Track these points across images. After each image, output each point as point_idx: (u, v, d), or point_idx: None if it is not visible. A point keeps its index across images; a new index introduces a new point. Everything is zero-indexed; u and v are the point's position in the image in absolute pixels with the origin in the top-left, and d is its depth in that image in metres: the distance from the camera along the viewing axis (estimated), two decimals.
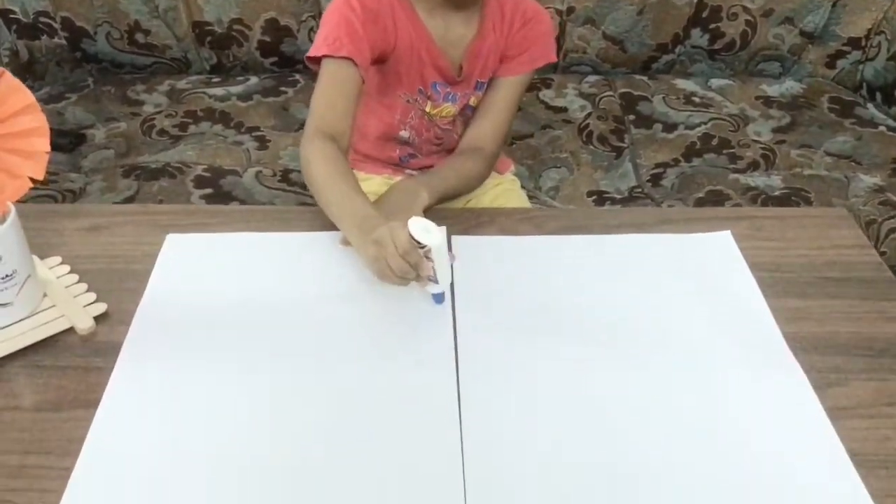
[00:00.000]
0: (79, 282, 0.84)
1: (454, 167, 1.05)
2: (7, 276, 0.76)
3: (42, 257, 0.85)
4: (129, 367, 0.75)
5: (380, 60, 1.01)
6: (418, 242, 0.73)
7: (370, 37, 0.97)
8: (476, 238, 0.92)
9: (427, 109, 1.08)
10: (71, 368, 0.75)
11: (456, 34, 1.04)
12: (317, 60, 0.97)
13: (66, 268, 0.85)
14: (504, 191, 1.18)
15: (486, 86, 1.09)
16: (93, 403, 0.71)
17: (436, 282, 0.77)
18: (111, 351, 0.76)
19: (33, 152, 0.76)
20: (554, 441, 0.68)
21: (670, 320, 0.81)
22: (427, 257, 0.75)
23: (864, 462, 0.66)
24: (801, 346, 0.78)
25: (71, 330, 0.79)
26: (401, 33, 1.01)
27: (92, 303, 0.81)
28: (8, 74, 0.74)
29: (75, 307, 0.80)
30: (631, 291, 0.85)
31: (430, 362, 0.75)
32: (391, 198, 0.93)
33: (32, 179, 0.78)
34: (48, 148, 0.77)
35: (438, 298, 0.80)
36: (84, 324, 0.78)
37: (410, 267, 0.75)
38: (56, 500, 0.62)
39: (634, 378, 0.74)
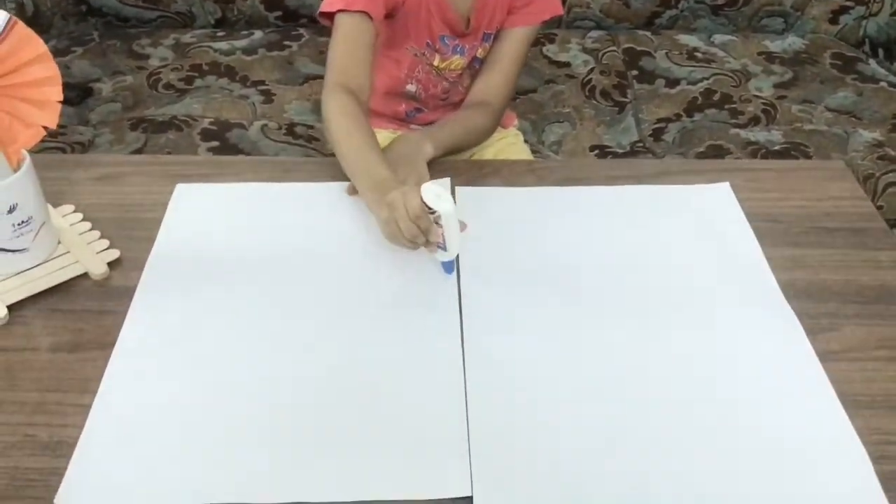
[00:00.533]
0: (91, 229, 0.86)
1: (460, 121, 1.06)
2: (23, 222, 0.78)
3: (55, 206, 0.86)
4: (143, 310, 0.77)
5: (390, 14, 1.02)
6: (429, 208, 0.74)
7: None
8: (480, 189, 0.94)
9: (435, 63, 1.09)
10: (86, 312, 0.78)
11: None
12: (329, 16, 0.97)
13: (79, 216, 0.87)
14: (508, 144, 1.20)
15: (493, 38, 1.10)
16: (108, 345, 0.73)
17: (444, 249, 0.77)
18: (124, 295, 0.79)
19: (46, 101, 0.77)
20: (556, 381, 0.71)
21: (669, 268, 0.84)
22: (437, 224, 0.75)
23: (852, 402, 0.69)
24: (795, 292, 0.80)
25: (85, 275, 0.81)
26: None
27: (105, 249, 0.83)
28: (20, 24, 0.76)
29: (89, 253, 0.83)
30: (631, 241, 0.87)
31: (434, 306, 0.78)
32: (396, 149, 0.95)
33: (45, 128, 0.79)
34: (60, 97, 0.79)
35: (448, 267, 0.80)
36: (98, 269, 0.81)
37: (420, 231, 0.76)
38: (76, 434, 0.65)
39: (634, 322, 0.77)
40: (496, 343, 0.74)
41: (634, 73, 1.63)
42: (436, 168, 0.94)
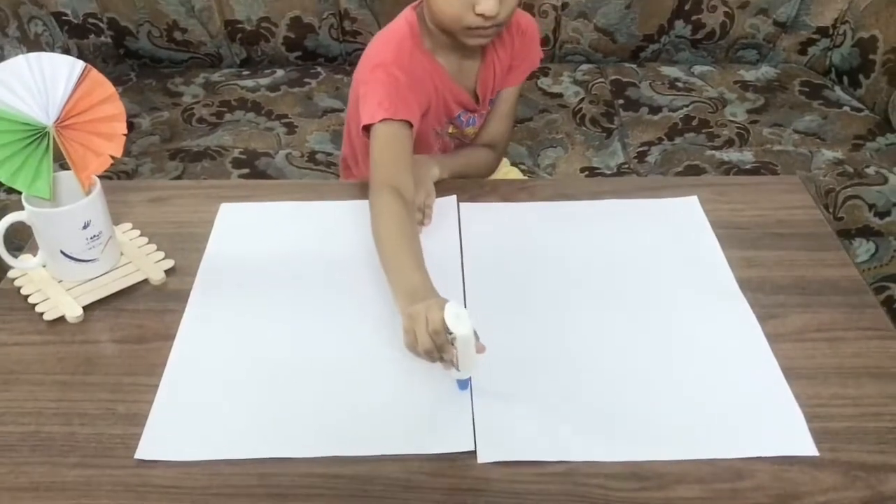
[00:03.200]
0: (148, 243, 0.95)
1: (466, 153, 1.17)
2: (94, 236, 0.88)
3: (116, 224, 0.95)
4: (198, 307, 0.87)
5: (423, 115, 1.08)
6: (447, 329, 0.72)
7: (417, 99, 1.03)
8: (481, 204, 1.03)
9: (450, 131, 1.18)
10: (147, 311, 0.87)
11: (466, 66, 1.12)
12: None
13: (137, 232, 0.97)
14: (502, 174, 1.30)
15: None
16: (167, 337, 0.83)
17: (457, 369, 0.74)
18: (180, 297, 0.88)
19: (113, 134, 0.88)
20: (548, 351, 0.81)
21: (644, 268, 0.92)
22: (453, 344, 0.73)
23: (794, 374, 0.79)
24: (751, 287, 0.89)
25: (145, 281, 0.91)
26: (426, 87, 1.07)
27: (161, 259, 0.93)
28: (94, 70, 0.86)
29: (148, 263, 0.92)
30: (612, 246, 0.96)
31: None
32: None
33: (112, 157, 0.89)
34: (125, 130, 0.89)
35: (462, 385, 0.77)
36: (156, 276, 0.91)
37: (435, 347, 0.74)
38: (147, 407, 0.76)
39: (615, 310, 0.87)
40: (496, 323, 0.83)
41: (621, 101, 1.71)
42: (443, 187, 1.04)
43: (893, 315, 1.52)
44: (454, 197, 1.04)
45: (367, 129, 1.01)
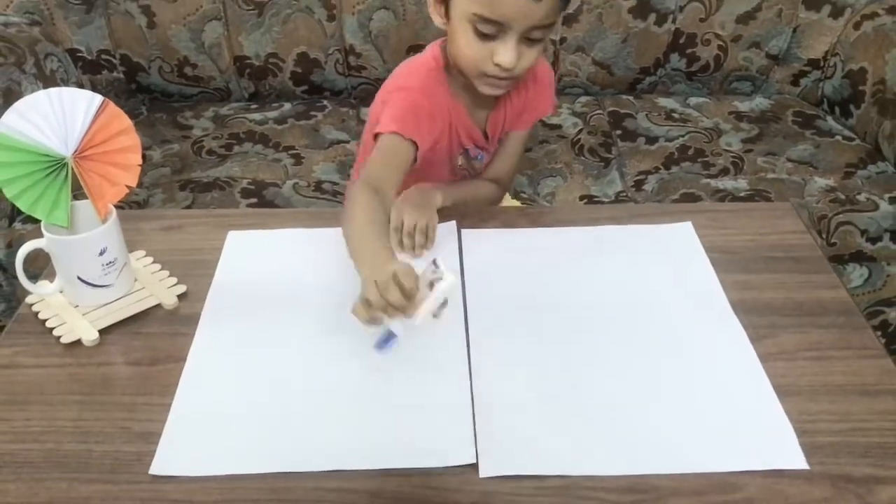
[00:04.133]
0: (161, 269, 0.97)
1: (471, 185, 1.20)
2: (110, 263, 0.90)
3: (130, 251, 0.96)
4: (208, 329, 0.90)
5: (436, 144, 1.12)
6: (435, 265, 0.75)
7: (431, 128, 1.06)
8: (482, 231, 1.05)
9: (460, 163, 1.22)
10: (161, 334, 0.89)
11: (480, 106, 1.16)
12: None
13: (150, 259, 0.99)
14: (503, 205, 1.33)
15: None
16: (181, 359, 0.85)
17: (409, 318, 0.75)
18: (192, 321, 0.91)
19: (129, 165, 0.91)
20: (546, 381, 0.83)
21: (641, 292, 0.94)
22: (432, 284, 0.75)
23: (786, 391, 0.81)
24: (744, 308, 0.91)
25: (158, 306, 0.93)
26: (444, 119, 1.11)
27: (174, 285, 0.95)
28: (111, 104, 0.89)
29: (161, 288, 0.95)
30: (609, 271, 0.98)
31: (443, 325, 0.85)
32: (410, 195, 1.06)
33: (128, 187, 0.91)
34: (140, 161, 0.92)
35: (384, 343, 0.78)
36: (169, 301, 0.93)
37: (403, 295, 0.74)
38: (160, 427, 0.78)
39: (611, 331, 0.89)
40: (497, 342, 0.86)
41: (618, 132, 1.74)
42: (444, 214, 1.07)
43: (889, 339, 1.58)
44: (454, 223, 1.07)
45: (376, 137, 1.04)
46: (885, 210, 1.47)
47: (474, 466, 0.74)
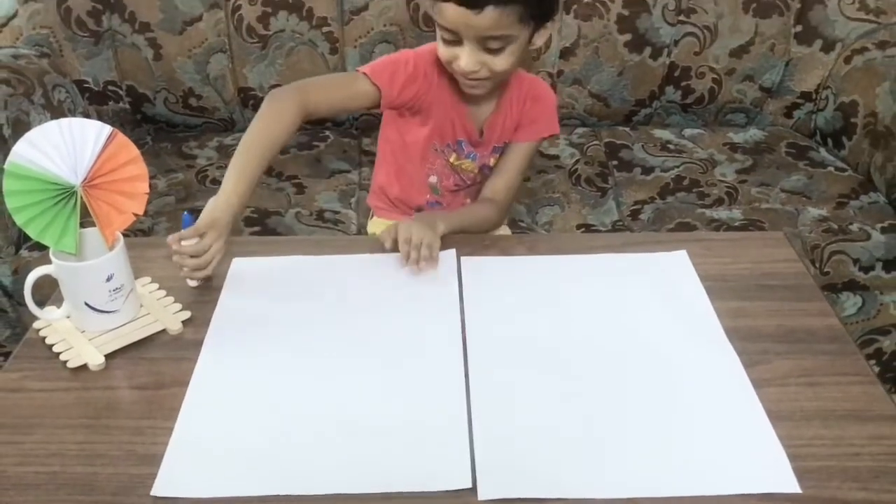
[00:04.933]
0: (166, 296, 0.99)
1: (470, 210, 1.25)
2: (116, 289, 0.92)
3: (136, 278, 0.98)
4: (211, 354, 0.91)
5: (412, 111, 1.21)
6: None
7: (406, 87, 1.15)
8: (481, 258, 1.07)
9: (451, 160, 1.26)
10: (165, 359, 0.91)
11: (480, 106, 1.22)
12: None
13: (156, 285, 1.01)
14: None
15: (502, 150, 1.28)
16: (185, 383, 0.87)
17: None
18: (196, 346, 0.92)
19: (136, 193, 0.92)
20: (545, 405, 0.84)
21: (637, 319, 0.96)
22: None
23: (779, 417, 0.82)
24: (738, 335, 0.92)
25: (164, 331, 0.94)
26: (438, 99, 1.19)
27: (179, 311, 0.96)
28: (120, 134, 0.91)
29: (166, 314, 0.96)
30: (606, 297, 1.00)
31: (441, 351, 0.91)
32: (418, 217, 1.12)
33: (135, 215, 0.93)
34: (147, 190, 0.93)
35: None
36: (174, 326, 0.94)
37: None
38: (165, 450, 0.78)
39: (607, 357, 0.90)
40: (496, 366, 0.88)
41: (615, 162, 1.76)
42: (445, 243, 1.08)
43: (884, 367, 1.59)
44: (454, 251, 1.09)
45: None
46: (878, 240, 1.49)
47: (473, 490, 0.74)
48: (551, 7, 1.11)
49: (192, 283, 1.02)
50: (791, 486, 0.75)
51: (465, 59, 1.08)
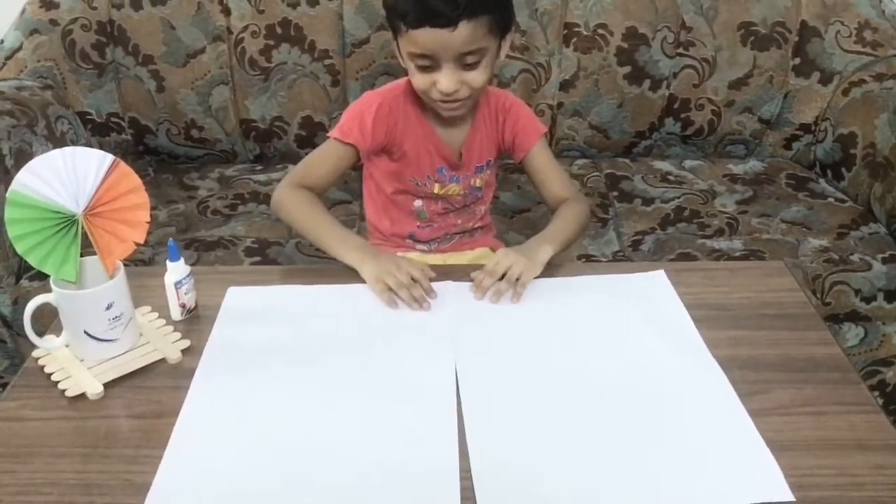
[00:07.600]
0: (166, 325, 1.00)
1: (561, 216, 1.21)
2: (116, 317, 0.92)
3: (136, 307, 0.99)
4: (202, 385, 0.91)
5: (388, 151, 1.23)
6: None
7: (377, 130, 1.18)
8: (470, 283, 1.08)
9: (434, 191, 1.27)
10: (164, 388, 0.91)
11: (453, 130, 1.24)
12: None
13: (155, 314, 1.01)
14: (480, 256, 1.37)
15: (486, 169, 1.28)
16: None
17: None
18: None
19: (137, 222, 0.93)
20: (539, 428, 0.84)
21: (622, 340, 0.97)
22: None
23: (779, 446, 0.81)
24: (738, 364, 0.92)
25: (162, 360, 0.94)
26: (410, 132, 1.21)
27: (178, 340, 0.97)
28: (122, 163, 0.92)
29: (165, 343, 0.96)
30: (587, 320, 1.01)
31: (433, 377, 0.92)
32: (518, 252, 1.09)
33: (136, 244, 0.94)
34: (148, 219, 0.94)
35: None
36: (173, 355, 0.95)
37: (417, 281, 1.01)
38: None
39: (600, 379, 0.91)
40: (489, 393, 0.88)
41: (615, 193, 1.77)
42: (444, 273, 1.09)
43: (887, 398, 1.58)
44: (449, 282, 1.10)
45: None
46: (879, 270, 1.49)
47: None
48: (511, 16, 1.16)
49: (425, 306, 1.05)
50: (784, 494, 0.75)
51: (445, 80, 1.11)
